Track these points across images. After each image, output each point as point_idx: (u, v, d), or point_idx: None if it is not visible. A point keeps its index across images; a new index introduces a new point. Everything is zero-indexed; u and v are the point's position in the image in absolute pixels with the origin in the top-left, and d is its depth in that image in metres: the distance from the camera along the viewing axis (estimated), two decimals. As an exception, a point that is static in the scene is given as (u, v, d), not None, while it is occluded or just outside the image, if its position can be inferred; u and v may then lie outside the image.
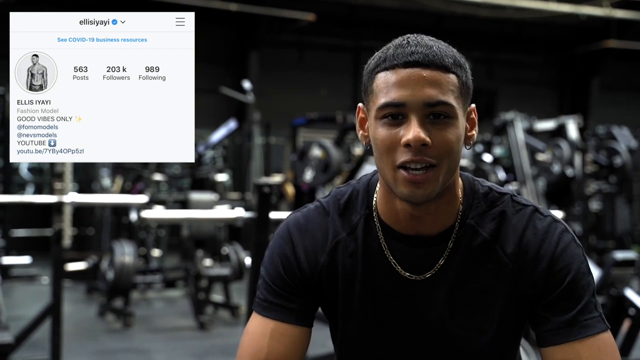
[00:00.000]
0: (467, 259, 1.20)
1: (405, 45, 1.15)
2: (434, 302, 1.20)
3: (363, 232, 1.23)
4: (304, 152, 6.88)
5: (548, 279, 1.17)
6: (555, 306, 1.17)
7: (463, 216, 1.21)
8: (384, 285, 1.22)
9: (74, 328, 5.62)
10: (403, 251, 1.21)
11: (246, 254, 6.19)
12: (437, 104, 1.12)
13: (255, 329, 1.25)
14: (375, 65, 1.17)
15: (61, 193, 3.92)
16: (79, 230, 9.36)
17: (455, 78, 1.15)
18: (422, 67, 1.12)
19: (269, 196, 3.33)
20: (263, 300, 1.25)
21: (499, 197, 1.24)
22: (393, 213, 1.21)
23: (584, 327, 1.15)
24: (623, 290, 4.32)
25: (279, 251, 1.26)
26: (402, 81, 1.12)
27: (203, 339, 5.51)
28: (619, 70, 15.09)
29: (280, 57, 13.11)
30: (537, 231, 1.19)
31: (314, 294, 1.26)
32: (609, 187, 8.25)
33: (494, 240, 1.20)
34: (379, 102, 1.14)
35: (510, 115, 8.65)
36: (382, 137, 1.13)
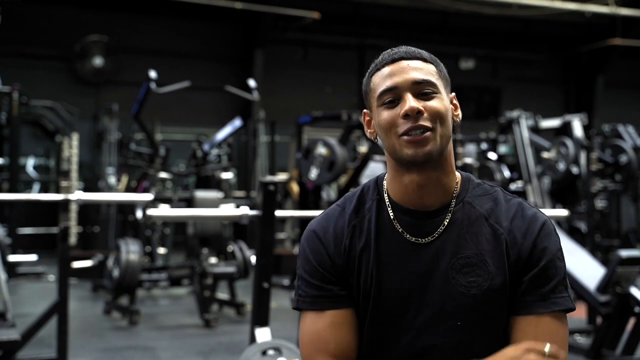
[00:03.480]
0: (467, 227, 1.40)
1: (390, 51, 1.43)
2: (438, 263, 1.38)
3: (375, 213, 1.44)
4: (309, 150, 6.89)
5: (530, 256, 1.36)
6: (531, 282, 1.35)
7: (460, 195, 1.43)
8: (394, 252, 1.40)
9: (80, 325, 5.64)
10: (410, 222, 1.41)
11: (251, 252, 6.21)
12: (423, 81, 1.37)
13: (312, 325, 1.41)
14: (370, 72, 1.44)
15: (67, 191, 3.94)
16: (84, 228, 9.39)
17: (433, 67, 1.41)
18: (406, 59, 1.39)
19: (274, 194, 3.33)
20: (307, 296, 1.42)
21: (490, 188, 1.46)
22: (401, 188, 1.42)
23: (553, 302, 1.34)
24: (628, 289, 4.32)
25: (310, 249, 1.45)
26: (392, 72, 1.39)
27: (208, 336, 5.53)
28: (624, 68, 15.05)
29: (285, 56, 13.12)
30: (525, 217, 1.40)
31: (347, 279, 1.42)
32: (614, 185, 8.24)
33: (489, 217, 1.40)
34: (377, 93, 1.39)
35: (516, 114, 8.65)
36: (385, 118, 1.38)
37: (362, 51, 13.65)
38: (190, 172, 8.40)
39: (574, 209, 7.97)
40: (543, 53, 14.89)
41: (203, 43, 12.69)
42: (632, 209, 8.53)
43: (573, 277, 4.62)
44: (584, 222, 7.60)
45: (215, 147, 8.66)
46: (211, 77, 12.15)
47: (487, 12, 12.59)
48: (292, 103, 12.44)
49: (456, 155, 6.25)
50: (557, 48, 14.96)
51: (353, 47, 13.67)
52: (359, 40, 13.53)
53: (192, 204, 6.57)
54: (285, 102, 12.50)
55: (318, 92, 13.17)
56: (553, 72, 15.35)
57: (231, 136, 8.79)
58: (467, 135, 9.68)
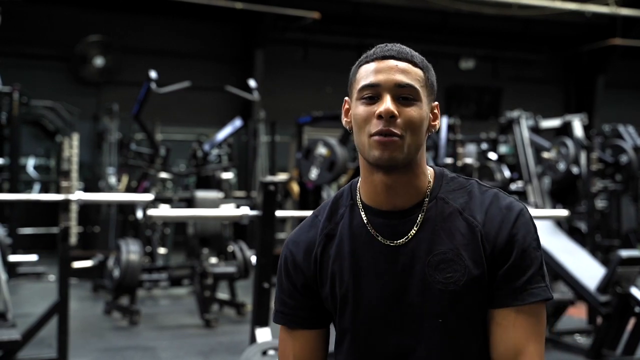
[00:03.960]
0: (440, 224, 1.38)
1: (384, 46, 1.42)
2: (414, 263, 1.37)
3: (349, 218, 1.44)
4: (309, 150, 6.89)
5: (505, 246, 1.34)
6: (507, 272, 1.34)
7: (433, 192, 1.41)
8: (369, 256, 1.40)
9: (80, 325, 5.64)
10: (382, 224, 1.40)
11: (252, 252, 6.21)
12: (406, 85, 1.35)
13: (281, 339, 1.50)
14: (359, 62, 1.44)
15: (67, 191, 3.94)
16: (85, 228, 9.39)
17: (421, 72, 1.39)
18: (395, 59, 1.38)
19: (275, 194, 3.34)
20: (279, 311, 1.49)
21: (465, 181, 1.45)
22: (372, 189, 1.41)
23: (529, 294, 1.33)
24: (629, 289, 4.32)
25: (282, 265, 1.49)
26: (379, 68, 1.38)
27: (209, 336, 5.53)
28: (624, 68, 15.04)
29: (286, 56, 13.12)
30: (500, 207, 1.38)
31: (318, 291, 1.45)
32: (614, 185, 8.24)
33: (464, 210, 1.39)
34: (359, 86, 1.39)
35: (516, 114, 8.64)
36: (361, 112, 1.37)
37: (362, 51, 13.16)
38: (191, 172, 8.39)
39: (574, 209, 7.97)
40: (543, 53, 14.89)
41: (203, 43, 12.69)
42: (632, 209, 8.52)
43: (573, 277, 4.62)
44: (584, 222, 7.60)
45: (216, 147, 8.66)
46: (211, 77, 12.15)
47: (487, 12, 12.59)
48: (293, 103, 12.43)
49: (456, 156, 6.26)
50: (557, 48, 14.96)
51: (353, 47, 13.66)
52: (359, 40, 13.52)
53: (193, 204, 6.57)
54: (286, 102, 12.50)
55: (318, 92, 13.17)
56: (553, 72, 15.34)
57: (231, 136, 8.79)
58: (467, 135, 9.68)
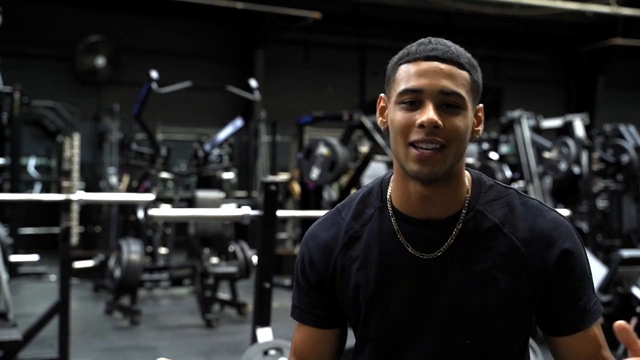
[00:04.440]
0: (477, 240, 1.28)
1: (427, 43, 1.28)
2: (446, 280, 1.28)
3: (378, 222, 1.34)
4: (310, 150, 6.88)
5: (560, 269, 1.26)
6: (569, 296, 1.27)
7: (471, 202, 1.31)
8: (399, 267, 1.31)
9: (81, 325, 5.64)
10: (415, 233, 1.30)
11: (253, 252, 6.20)
12: (451, 93, 1.23)
13: (297, 333, 1.44)
14: (399, 59, 1.29)
15: (69, 191, 3.94)
16: (86, 228, 9.39)
17: (468, 75, 1.27)
18: (441, 61, 1.25)
19: (276, 194, 3.33)
20: (296, 307, 1.43)
21: (504, 189, 1.35)
22: (405, 197, 1.31)
23: (594, 312, 1.29)
24: (630, 288, 4.32)
25: (299, 260, 1.41)
26: (422, 71, 1.24)
27: (210, 336, 5.53)
28: (625, 68, 15.03)
29: (286, 56, 13.12)
30: (546, 220, 1.29)
31: (333, 293, 1.37)
32: (615, 185, 8.22)
33: (504, 225, 1.29)
34: (400, 89, 1.25)
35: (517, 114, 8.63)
36: (400, 119, 1.24)
37: (363, 51, 13.64)
38: (192, 172, 8.40)
39: (575, 209, 7.96)
40: (544, 53, 14.88)
41: (204, 43, 12.69)
42: (633, 209, 8.51)
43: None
44: (586, 222, 7.60)
45: (217, 147, 8.66)
46: (212, 77, 12.15)
47: (487, 12, 12.58)
48: (293, 103, 12.43)
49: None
50: (558, 48, 14.95)
51: (354, 47, 13.67)
52: (360, 40, 13.52)
53: (194, 204, 6.57)
54: (286, 102, 12.50)
55: (319, 92, 13.17)
56: (554, 72, 15.34)
57: (232, 136, 8.79)
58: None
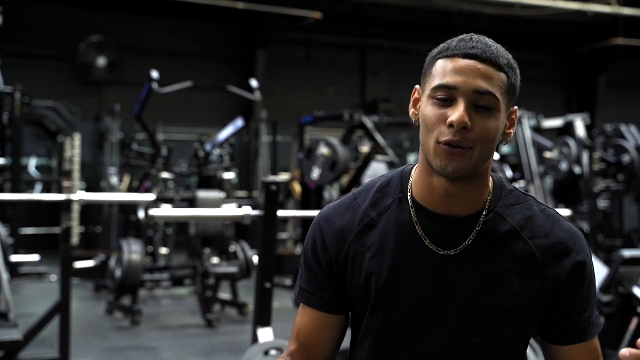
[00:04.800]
0: (495, 241, 1.29)
1: (468, 40, 1.27)
2: (460, 278, 1.28)
3: (396, 212, 1.33)
4: (310, 150, 6.88)
5: (571, 280, 1.28)
6: (577, 306, 1.30)
7: (491, 204, 1.31)
8: (414, 258, 1.30)
9: (82, 325, 5.64)
10: (434, 228, 1.30)
11: (253, 252, 6.20)
12: (485, 93, 1.22)
13: (298, 316, 1.41)
14: (438, 52, 1.28)
15: (69, 191, 3.94)
16: (86, 228, 9.40)
17: (505, 77, 1.25)
18: (479, 60, 1.23)
19: (276, 194, 3.33)
20: (303, 289, 1.39)
21: (523, 196, 1.36)
22: (428, 190, 1.30)
23: (596, 325, 1.31)
24: (631, 288, 4.31)
25: (310, 241, 1.38)
26: (458, 68, 1.23)
27: (210, 336, 5.53)
28: (626, 68, 15.02)
29: (287, 56, 13.11)
30: (564, 230, 1.31)
31: (343, 279, 1.35)
32: (616, 185, 8.22)
33: (522, 230, 1.30)
34: (434, 83, 1.25)
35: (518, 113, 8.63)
36: (431, 114, 1.24)
37: (364, 51, 13.63)
38: (192, 172, 8.40)
39: (576, 209, 7.95)
40: (545, 53, 14.87)
41: (205, 43, 12.69)
42: (634, 209, 8.50)
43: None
44: (587, 222, 7.59)
45: (217, 147, 8.66)
46: (213, 77, 12.15)
47: (488, 11, 12.57)
48: (294, 103, 12.43)
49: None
50: (559, 48, 14.94)
51: (355, 47, 13.66)
52: (361, 40, 13.51)
53: (194, 204, 6.57)
54: (287, 102, 12.50)
55: (320, 92, 13.16)
56: (555, 72, 15.33)
57: (233, 136, 8.79)
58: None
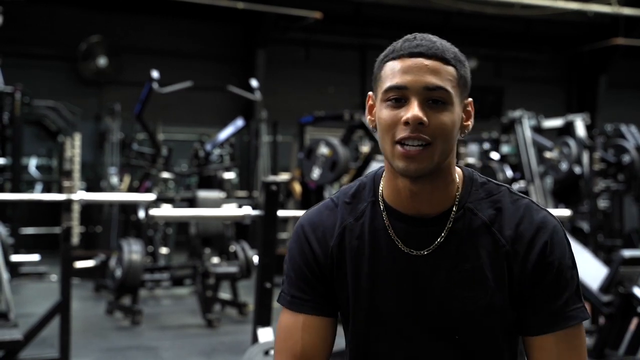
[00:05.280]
0: (466, 238, 1.30)
1: (412, 40, 1.28)
2: (435, 277, 1.30)
3: (370, 217, 1.35)
4: (311, 150, 6.88)
5: (537, 267, 1.27)
6: (542, 295, 1.27)
7: (461, 200, 1.32)
8: (389, 263, 1.32)
9: (82, 325, 5.64)
10: (405, 230, 1.32)
11: (254, 252, 6.20)
12: (436, 88, 1.23)
13: (288, 323, 1.38)
14: (385, 56, 1.30)
15: (70, 191, 3.94)
16: (87, 228, 9.40)
17: (454, 70, 1.27)
18: (425, 57, 1.25)
19: (277, 194, 3.33)
20: (288, 294, 1.39)
21: (496, 187, 1.35)
22: (395, 193, 1.32)
23: (568, 318, 1.27)
24: (631, 289, 4.31)
25: (296, 246, 1.40)
26: (406, 68, 1.25)
27: (211, 336, 5.53)
28: (626, 68, 15.02)
29: (287, 56, 13.12)
30: (533, 221, 1.29)
31: (331, 282, 1.37)
32: (617, 185, 8.22)
33: (492, 224, 1.30)
34: (385, 86, 1.27)
35: (518, 113, 8.64)
36: (385, 117, 1.26)
37: (364, 51, 13.64)
38: (193, 172, 8.40)
39: (576, 209, 7.96)
40: (545, 53, 14.88)
41: (205, 43, 12.69)
42: (634, 209, 8.51)
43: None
44: (587, 222, 7.59)
45: (218, 147, 8.67)
46: (213, 77, 12.15)
47: (489, 11, 12.58)
48: (294, 103, 12.43)
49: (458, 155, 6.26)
50: (559, 48, 14.94)
51: (355, 47, 13.67)
52: (361, 40, 13.52)
53: (195, 204, 6.57)
54: (287, 102, 12.50)
55: (320, 92, 13.17)
56: (555, 72, 15.33)
57: (233, 136, 8.80)
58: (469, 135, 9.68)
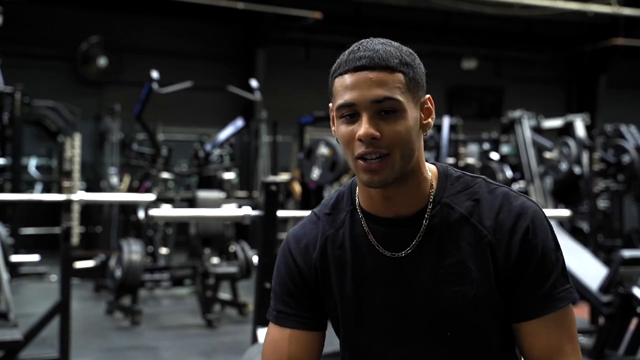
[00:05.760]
0: (446, 233, 1.30)
1: (356, 51, 1.28)
2: (419, 276, 1.30)
3: (349, 225, 1.37)
4: (311, 150, 6.88)
5: (521, 253, 1.27)
6: (529, 282, 1.27)
7: (437, 196, 1.32)
8: (371, 268, 1.33)
9: (82, 326, 5.64)
10: (384, 233, 1.33)
11: (253, 252, 6.20)
12: (384, 99, 1.23)
13: (275, 337, 1.40)
14: (333, 71, 1.31)
15: (69, 191, 3.94)
16: (87, 228, 9.40)
17: (401, 76, 1.25)
18: (369, 69, 1.24)
19: (276, 194, 3.33)
20: (274, 310, 1.41)
21: (472, 179, 1.35)
22: (370, 199, 1.34)
23: (556, 300, 1.27)
24: (631, 289, 4.31)
25: (282, 262, 1.42)
26: (352, 84, 1.25)
27: (210, 336, 5.53)
28: (626, 68, 15.02)
29: (287, 56, 13.12)
30: (511, 208, 1.29)
31: (317, 295, 1.39)
32: (616, 185, 8.22)
33: (471, 215, 1.30)
34: (337, 104, 1.28)
35: (518, 114, 8.64)
36: (342, 134, 1.27)
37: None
38: (193, 172, 8.40)
39: (576, 209, 7.96)
40: (545, 53, 14.87)
41: (205, 43, 12.69)
42: (634, 209, 8.51)
43: (575, 277, 4.62)
44: (587, 222, 7.59)
45: (218, 147, 8.67)
46: (213, 77, 12.15)
47: (489, 12, 12.57)
48: (294, 103, 12.43)
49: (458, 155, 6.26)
50: (559, 48, 14.94)
51: (355, 47, 13.67)
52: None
53: (194, 204, 6.57)
54: (287, 102, 12.50)
55: (320, 92, 13.02)
56: (555, 72, 15.33)
57: (233, 136, 8.80)
58: (469, 135, 9.68)
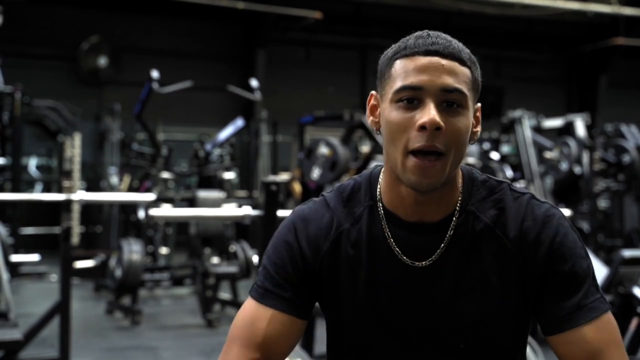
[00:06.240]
0: (470, 244, 1.23)
1: (426, 37, 1.20)
2: (438, 288, 1.23)
3: (367, 222, 1.27)
4: (311, 150, 6.88)
5: (549, 264, 1.20)
6: (559, 292, 1.20)
7: (463, 203, 1.25)
8: (388, 273, 1.25)
9: (82, 325, 5.64)
10: (406, 239, 1.24)
11: (253, 251, 6.20)
12: (454, 90, 1.16)
13: (254, 314, 1.26)
14: (394, 53, 1.21)
15: (70, 191, 3.94)
16: (87, 228, 9.39)
17: (469, 72, 1.20)
18: (442, 56, 1.17)
19: (277, 194, 3.34)
20: (261, 287, 1.27)
21: (497, 184, 1.29)
22: (398, 199, 1.24)
23: (590, 309, 1.19)
24: (631, 289, 4.31)
25: (284, 240, 1.29)
26: (421, 67, 1.16)
27: (210, 336, 5.53)
28: (626, 68, 15.02)
29: (287, 55, 13.12)
30: (536, 217, 1.23)
31: (314, 285, 1.28)
32: (617, 185, 8.22)
33: (495, 226, 1.23)
34: (397, 86, 1.17)
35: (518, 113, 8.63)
36: (397, 120, 1.17)
37: (364, 51, 13.64)
38: (193, 172, 8.40)
39: (576, 209, 7.95)
40: (545, 53, 14.87)
41: (205, 43, 12.69)
42: (634, 209, 8.51)
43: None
44: (587, 222, 7.59)
45: (218, 147, 8.66)
46: (213, 77, 12.15)
47: (489, 11, 12.58)
48: (294, 103, 12.43)
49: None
50: (559, 48, 14.94)
51: (355, 47, 13.67)
52: (361, 40, 13.52)
53: (195, 204, 6.57)
54: (288, 102, 12.50)
55: (320, 92, 13.16)
56: (556, 72, 15.33)
57: (233, 136, 8.80)
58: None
